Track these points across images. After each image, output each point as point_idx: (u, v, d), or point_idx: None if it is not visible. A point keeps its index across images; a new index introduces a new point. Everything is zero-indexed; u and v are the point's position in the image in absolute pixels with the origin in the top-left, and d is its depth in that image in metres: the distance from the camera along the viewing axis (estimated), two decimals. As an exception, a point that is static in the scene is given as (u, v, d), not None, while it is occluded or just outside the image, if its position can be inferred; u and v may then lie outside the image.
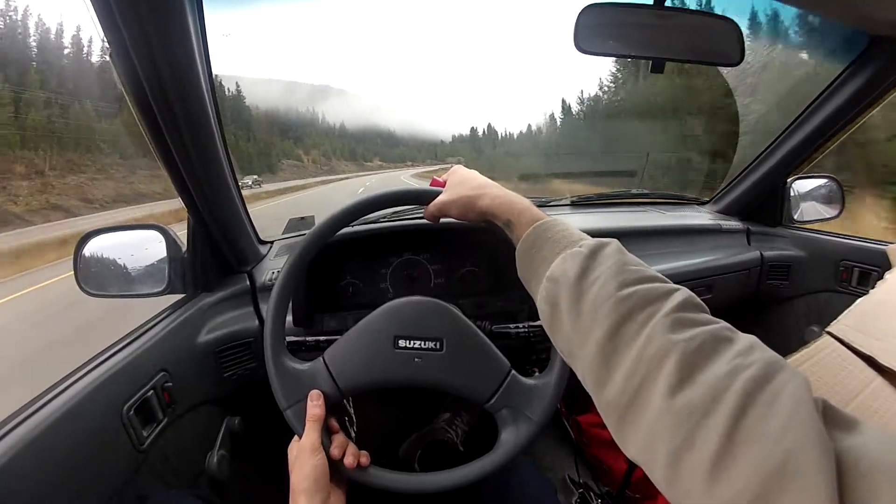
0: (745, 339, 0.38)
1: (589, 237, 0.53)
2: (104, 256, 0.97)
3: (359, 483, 0.68)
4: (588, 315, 0.44)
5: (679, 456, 0.34)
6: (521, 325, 0.95)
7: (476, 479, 0.68)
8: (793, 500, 0.28)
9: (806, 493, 0.28)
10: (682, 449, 0.34)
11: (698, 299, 0.43)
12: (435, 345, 0.69)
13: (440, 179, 0.75)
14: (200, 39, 0.71)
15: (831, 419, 0.32)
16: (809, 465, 0.28)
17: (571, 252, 0.50)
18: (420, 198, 0.74)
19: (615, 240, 0.50)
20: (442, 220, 0.73)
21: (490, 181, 0.68)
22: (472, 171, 0.71)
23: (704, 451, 0.32)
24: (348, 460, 0.66)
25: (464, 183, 0.68)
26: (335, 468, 0.67)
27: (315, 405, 0.67)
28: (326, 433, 0.68)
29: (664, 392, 0.36)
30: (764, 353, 0.36)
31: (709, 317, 0.41)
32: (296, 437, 0.67)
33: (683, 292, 0.43)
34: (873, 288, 0.85)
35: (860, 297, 0.83)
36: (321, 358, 0.71)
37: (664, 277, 0.46)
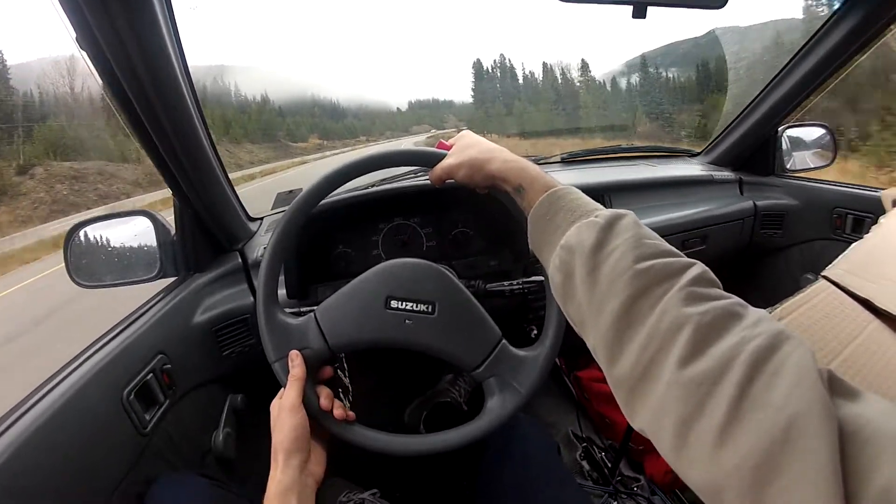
0: (755, 314, 0.38)
1: (603, 207, 0.52)
2: (94, 247, 0.96)
3: (342, 440, 0.69)
4: (604, 286, 0.44)
5: (688, 424, 0.34)
6: (515, 283, 0.95)
7: (458, 445, 0.69)
8: (795, 464, 0.28)
9: (808, 457, 0.28)
10: (691, 418, 0.34)
11: (712, 274, 0.43)
12: (427, 308, 0.69)
13: (447, 143, 0.74)
14: (168, 18, 0.68)
15: (836, 388, 0.33)
16: (812, 429, 0.29)
17: (587, 222, 0.49)
18: (426, 159, 0.73)
19: (631, 212, 0.49)
20: (447, 181, 0.71)
21: (499, 147, 0.67)
22: (480, 137, 0.71)
23: (713, 419, 0.33)
24: (338, 412, 0.68)
25: (473, 146, 0.67)
26: (322, 422, 0.68)
27: (295, 365, 0.67)
28: (312, 386, 0.69)
29: (676, 363, 0.36)
30: (770, 325, 0.36)
31: (721, 292, 0.41)
32: (278, 395, 0.68)
33: (698, 267, 0.43)
34: (868, 233, 0.85)
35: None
36: (313, 314, 0.71)
37: (679, 252, 0.45)
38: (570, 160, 1.69)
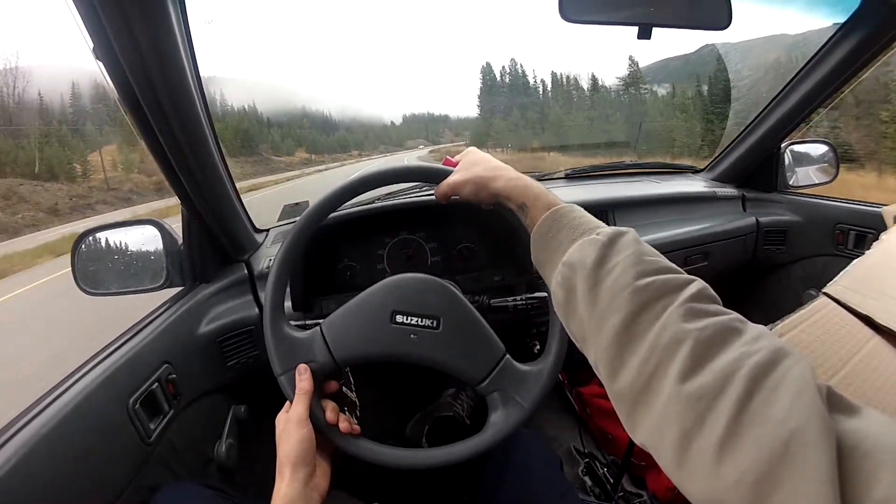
0: (754, 329, 0.39)
1: (605, 225, 0.53)
2: (101, 254, 0.97)
3: (346, 454, 0.69)
4: (605, 302, 0.44)
5: (688, 438, 0.35)
6: (519, 298, 0.95)
7: (463, 459, 0.69)
8: (794, 479, 0.29)
9: (807, 471, 0.28)
10: (692, 432, 0.34)
11: (712, 291, 0.44)
12: (432, 323, 0.70)
13: (453, 159, 0.74)
14: (184, 29, 0.70)
15: (835, 403, 0.33)
16: (811, 444, 0.29)
17: (589, 239, 0.50)
18: (432, 175, 0.73)
19: (632, 229, 0.50)
20: (452, 198, 0.72)
21: (505, 164, 0.68)
22: (486, 153, 0.71)
23: (713, 434, 0.33)
24: (343, 425, 0.68)
25: (478, 164, 0.68)
26: (328, 436, 0.68)
27: (303, 378, 0.68)
28: (318, 401, 0.69)
29: (676, 378, 0.37)
30: (770, 340, 0.37)
31: (721, 308, 0.42)
32: (283, 408, 0.68)
33: (698, 283, 0.44)
34: (869, 249, 0.86)
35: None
36: (318, 327, 0.72)
37: (679, 269, 0.46)
38: (573, 176, 1.70)
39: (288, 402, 0.68)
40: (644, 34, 0.79)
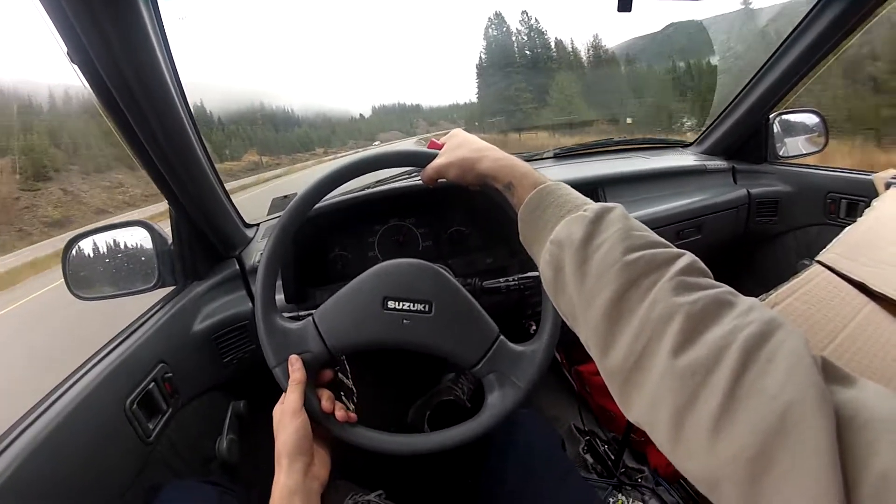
0: (746, 302, 0.38)
1: (592, 202, 0.52)
2: (91, 258, 0.96)
3: (344, 442, 0.70)
4: (593, 279, 0.44)
5: (683, 415, 0.34)
6: (511, 279, 0.95)
7: (460, 442, 0.69)
8: (793, 452, 0.28)
9: (804, 445, 0.28)
10: (686, 408, 0.34)
11: (702, 264, 0.43)
12: (423, 307, 0.70)
13: (438, 142, 0.74)
14: (157, 27, 0.69)
15: (830, 374, 0.33)
16: (808, 416, 0.29)
17: (576, 216, 0.49)
18: (417, 159, 0.73)
19: (619, 205, 0.50)
20: (439, 181, 0.72)
21: (490, 145, 0.67)
22: (472, 135, 0.71)
23: (707, 409, 0.32)
24: (339, 414, 0.68)
25: (463, 145, 0.68)
26: (324, 424, 0.69)
27: (295, 369, 0.68)
28: (313, 389, 0.69)
29: (668, 353, 0.36)
30: (763, 312, 0.36)
31: (711, 281, 0.41)
32: (280, 399, 0.68)
33: (688, 257, 0.43)
34: (861, 217, 0.86)
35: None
36: (311, 317, 0.72)
37: (668, 243, 0.45)
38: (563, 155, 1.69)
39: (284, 394, 0.68)
40: (624, 6, 0.78)
